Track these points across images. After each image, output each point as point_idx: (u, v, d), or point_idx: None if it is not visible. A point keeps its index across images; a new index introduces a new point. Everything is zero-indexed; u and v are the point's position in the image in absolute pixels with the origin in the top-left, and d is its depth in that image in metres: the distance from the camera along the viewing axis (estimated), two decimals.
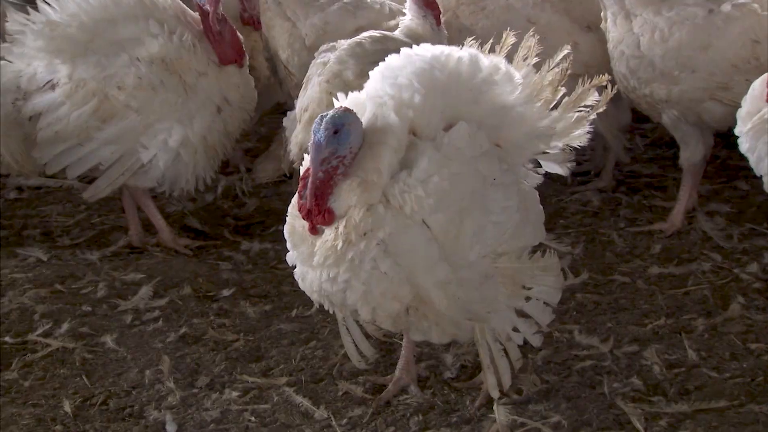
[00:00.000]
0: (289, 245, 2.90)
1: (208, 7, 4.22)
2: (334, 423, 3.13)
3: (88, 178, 4.54)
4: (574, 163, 5.29)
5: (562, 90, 2.94)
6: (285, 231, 2.89)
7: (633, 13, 4.45)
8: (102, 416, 3.21)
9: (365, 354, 3.25)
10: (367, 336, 3.30)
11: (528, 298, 3.01)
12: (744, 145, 3.76)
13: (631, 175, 5.36)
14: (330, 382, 3.35)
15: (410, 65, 2.83)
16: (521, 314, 3.03)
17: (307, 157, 2.88)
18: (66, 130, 4.20)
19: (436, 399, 3.24)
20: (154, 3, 4.25)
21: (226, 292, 4.07)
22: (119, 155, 4.27)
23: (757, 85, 3.78)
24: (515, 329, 3.02)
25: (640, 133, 5.85)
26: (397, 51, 3.97)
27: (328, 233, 2.73)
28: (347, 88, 3.86)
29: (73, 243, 4.65)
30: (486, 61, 2.89)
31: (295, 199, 2.85)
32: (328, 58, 4.03)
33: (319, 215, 2.73)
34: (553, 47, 2.99)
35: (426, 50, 2.90)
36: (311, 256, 2.78)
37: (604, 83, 2.93)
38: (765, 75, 3.75)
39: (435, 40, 4.24)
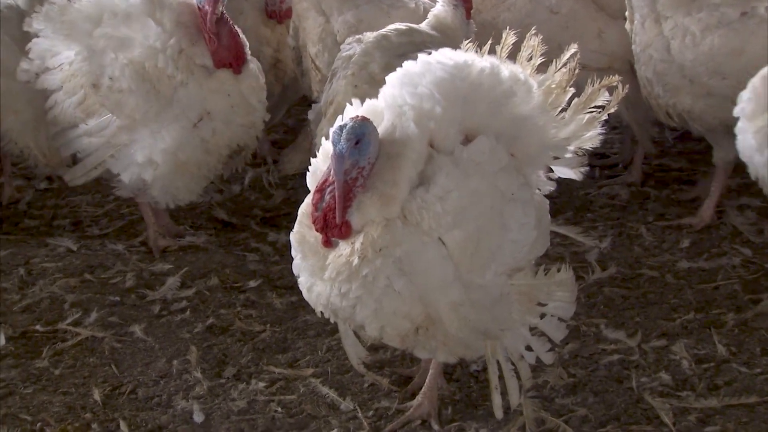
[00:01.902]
0: (296, 254, 2.79)
1: (207, 7, 4.03)
2: (360, 415, 3.14)
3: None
4: (600, 158, 5.26)
5: (571, 91, 2.86)
6: (293, 239, 2.78)
7: (664, 15, 4.36)
8: (130, 405, 3.24)
9: (360, 356, 3.18)
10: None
11: (542, 315, 2.95)
12: (747, 143, 3.71)
13: (660, 169, 5.31)
14: (356, 373, 3.34)
15: (429, 74, 2.73)
16: (534, 332, 2.96)
17: (315, 163, 2.83)
18: (59, 116, 4.24)
19: (463, 392, 3.24)
20: (161, 1, 4.11)
21: (252, 283, 4.09)
22: (95, 149, 4.22)
23: (758, 82, 3.71)
24: (528, 348, 2.95)
25: (669, 127, 5.78)
26: (424, 44, 4.00)
27: (343, 247, 2.64)
28: (373, 80, 3.86)
29: (102, 233, 4.69)
30: (506, 71, 2.80)
31: (305, 207, 2.77)
32: (354, 51, 4.02)
33: (337, 228, 2.64)
34: (577, 37, 2.92)
35: (446, 58, 2.79)
36: (322, 270, 2.68)
37: (615, 84, 2.84)
38: (763, 72, 3.70)
39: (462, 33, 4.22)
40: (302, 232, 2.76)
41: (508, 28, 2.93)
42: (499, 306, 2.77)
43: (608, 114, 2.89)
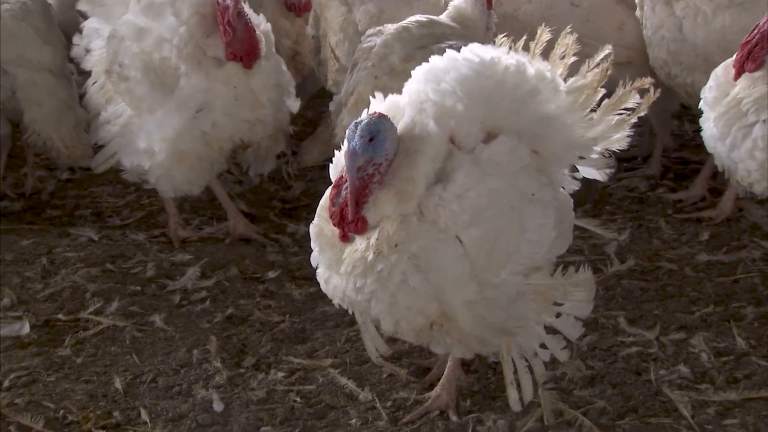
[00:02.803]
0: (314, 247, 2.81)
1: (228, 1, 4.00)
2: (378, 405, 3.15)
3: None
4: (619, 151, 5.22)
5: (602, 91, 2.82)
6: (312, 231, 2.80)
7: None
8: (151, 393, 3.27)
9: (380, 350, 3.17)
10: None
11: (558, 314, 2.93)
12: (710, 132, 3.76)
13: (679, 162, 5.28)
14: (374, 364, 3.35)
15: (454, 70, 2.70)
16: (549, 330, 2.95)
17: (338, 156, 2.81)
18: (89, 101, 4.39)
19: (481, 383, 3.25)
20: None
21: (272, 274, 4.11)
22: (112, 136, 4.28)
23: (720, 71, 3.78)
24: (543, 346, 2.94)
25: (688, 119, 5.75)
26: (444, 35, 4.00)
27: (359, 243, 2.65)
28: (393, 72, 3.88)
29: (123, 223, 4.73)
30: (532, 69, 2.77)
31: (324, 202, 2.78)
32: (375, 43, 4.02)
33: (352, 223, 2.65)
34: (598, 29, 2.88)
35: (473, 54, 2.76)
36: (339, 263, 2.70)
37: (646, 86, 2.80)
38: (727, 61, 3.78)
39: (483, 24, 4.22)
40: (320, 225, 2.78)
41: (544, 24, 2.87)
42: (514, 305, 2.76)
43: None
